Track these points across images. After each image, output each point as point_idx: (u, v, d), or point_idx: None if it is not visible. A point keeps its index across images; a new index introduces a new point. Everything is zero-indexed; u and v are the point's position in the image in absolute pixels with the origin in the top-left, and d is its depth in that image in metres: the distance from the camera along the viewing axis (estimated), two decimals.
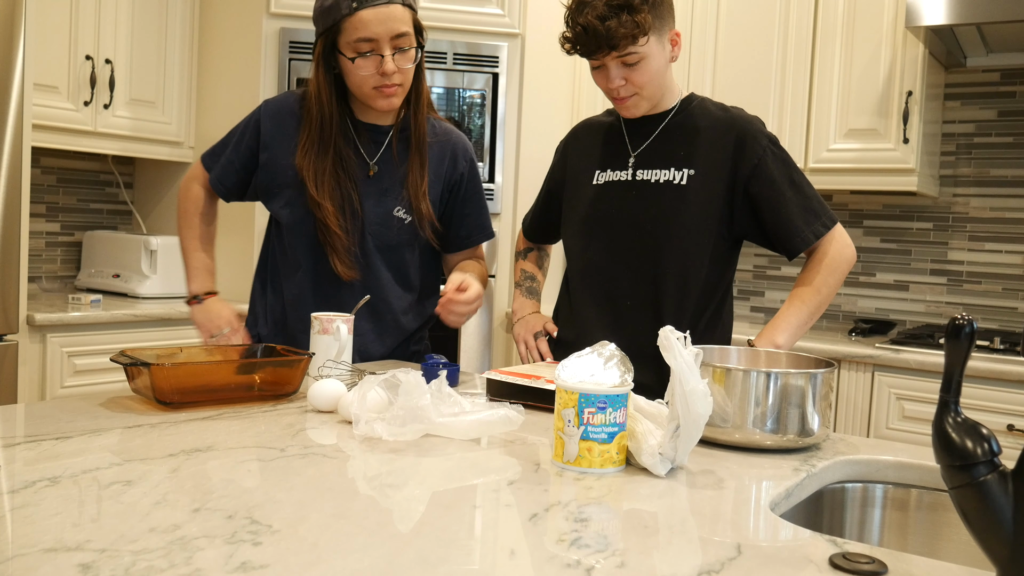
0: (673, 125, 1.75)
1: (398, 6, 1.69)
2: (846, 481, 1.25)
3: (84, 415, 1.28)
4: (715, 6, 3.13)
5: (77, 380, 2.71)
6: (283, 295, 1.90)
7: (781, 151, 1.71)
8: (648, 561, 0.81)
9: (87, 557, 0.75)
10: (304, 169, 1.79)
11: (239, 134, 1.90)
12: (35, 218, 3.25)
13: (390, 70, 1.70)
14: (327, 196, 1.78)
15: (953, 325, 0.76)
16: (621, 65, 1.64)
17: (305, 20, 3.12)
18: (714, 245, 1.71)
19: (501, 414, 1.24)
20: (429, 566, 0.77)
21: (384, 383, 1.29)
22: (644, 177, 1.74)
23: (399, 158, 1.85)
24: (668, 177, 1.71)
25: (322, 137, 1.78)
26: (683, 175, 1.70)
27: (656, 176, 1.72)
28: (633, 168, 1.75)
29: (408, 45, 1.72)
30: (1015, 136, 2.95)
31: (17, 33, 2.50)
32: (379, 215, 1.83)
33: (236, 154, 1.90)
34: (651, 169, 1.73)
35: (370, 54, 1.70)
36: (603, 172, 1.79)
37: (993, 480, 0.73)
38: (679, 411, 1.08)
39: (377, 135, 1.85)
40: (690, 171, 1.70)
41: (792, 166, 1.70)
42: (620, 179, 1.76)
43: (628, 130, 1.79)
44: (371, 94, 1.74)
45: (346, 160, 1.80)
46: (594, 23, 1.58)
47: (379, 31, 1.68)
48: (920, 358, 2.48)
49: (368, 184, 1.84)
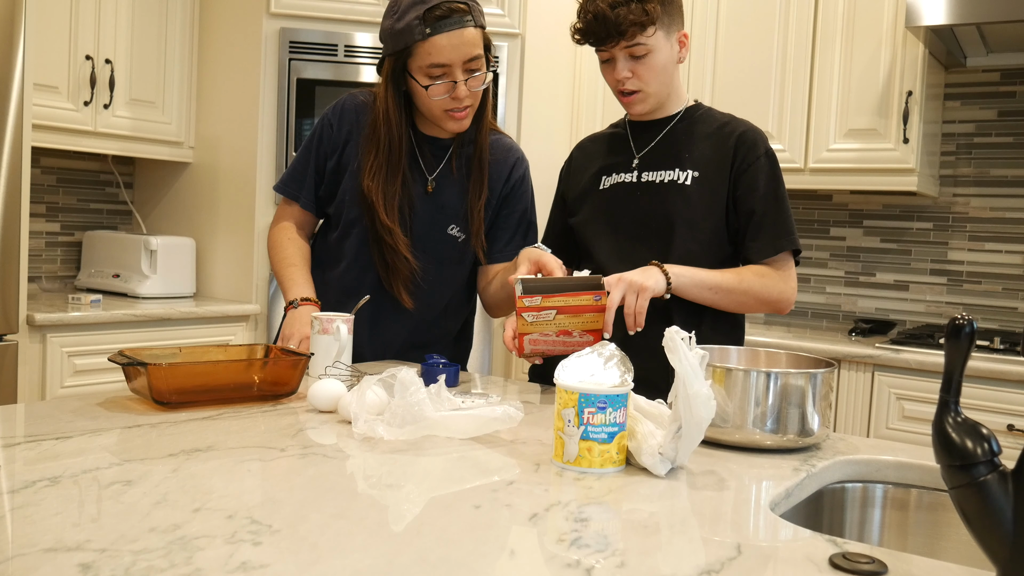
0: (678, 129, 1.76)
1: (471, 29, 1.68)
2: (846, 481, 1.25)
3: (84, 415, 1.28)
4: (715, 6, 3.13)
5: (77, 380, 2.71)
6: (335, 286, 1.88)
7: (775, 167, 1.72)
8: (648, 561, 0.81)
9: (87, 557, 0.75)
10: (373, 193, 1.77)
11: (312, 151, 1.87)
12: (35, 218, 3.26)
13: (463, 95, 1.70)
14: (396, 220, 1.78)
15: (953, 325, 0.76)
16: (628, 57, 1.66)
17: (305, 20, 3.12)
18: (719, 245, 1.72)
19: (501, 411, 1.24)
20: (429, 566, 0.77)
21: (383, 383, 1.29)
22: (649, 178, 1.74)
23: (458, 174, 1.84)
24: (672, 177, 1.72)
25: (390, 160, 1.77)
26: (687, 175, 1.71)
27: (660, 176, 1.73)
28: (638, 170, 1.76)
29: (480, 68, 1.71)
30: (1015, 136, 2.95)
31: (17, 33, 2.50)
32: (433, 233, 1.83)
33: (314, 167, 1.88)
34: (655, 171, 1.74)
35: (442, 79, 1.69)
36: (608, 177, 1.80)
37: (993, 480, 0.73)
38: (682, 413, 1.08)
39: (437, 149, 1.84)
40: (694, 172, 1.71)
41: (780, 183, 1.71)
42: (625, 180, 1.77)
43: (633, 134, 1.80)
44: (441, 116, 1.74)
45: (407, 178, 1.80)
46: (604, 9, 1.61)
47: (452, 57, 1.67)
48: (920, 358, 2.48)
49: (425, 200, 1.83)
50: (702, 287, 1.63)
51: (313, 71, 3.12)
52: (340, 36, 3.13)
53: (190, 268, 3.24)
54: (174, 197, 3.47)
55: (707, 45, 3.14)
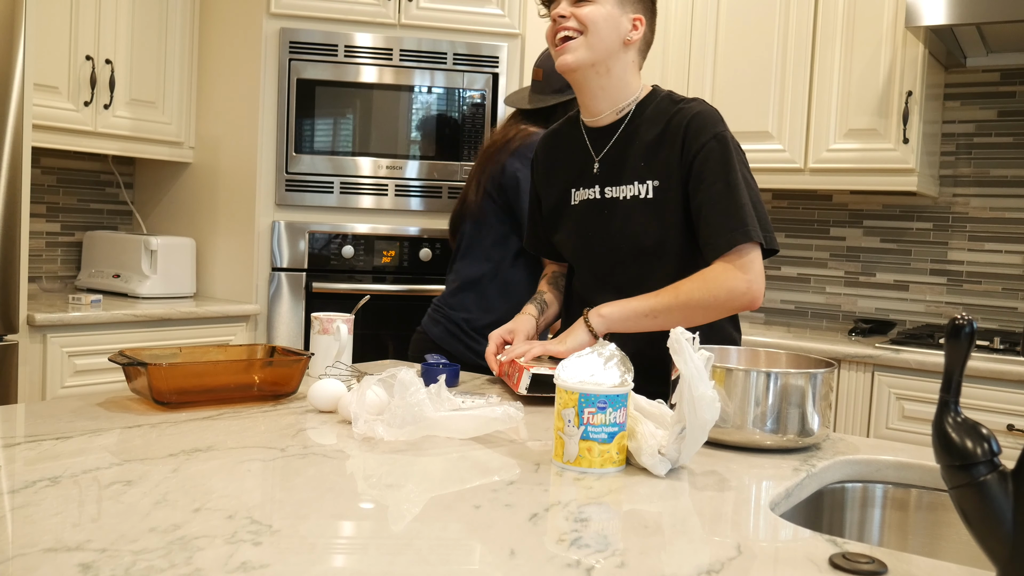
0: (631, 131, 1.66)
1: None
2: (846, 481, 1.25)
3: (84, 415, 1.28)
4: (715, 6, 3.13)
5: (77, 380, 2.71)
6: None
7: (727, 151, 1.55)
8: (648, 561, 0.81)
9: (87, 557, 0.75)
10: None
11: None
12: (35, 218, 3.26)
13: None
14: None
15: (953, 325, 0.76)
16: (572, 3, 1.60)
17: (305, 20, 3.12)
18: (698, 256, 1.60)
19: (501, 411, 1.24)
20: (429, 566, 0.77)
21: (383, 383, 1.29)
22: (612, 194, 1.66)
23: None
24: (634, 192, 1.63)
25: None
26: (647, 188, 1.61)
27: (623, 192, 1.65)
28: (599, 184, 1.69)
29: None
30: (1015, 136, 2.95)
31: (17, 33, 2.50)
32: None
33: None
34: (617, 185, 1.66)
35: None
36: (576, 190, 1.73)
37: (993, 480, 0.73)
38: (686, 415, 1.08)
39: None
40: (654, 182, 1.61)
41: (733, 168, 1.54)
42: (590, 197, 1.70)
43: (589, 136, 1.72)
44: None
45: None
46: None
47: None
48: (920, 358, 2.48)
49: None
50: (637, 316, 1.54)
51: (313, 71, 3.12)
52: (340, 36, 3.13)
53: (190, 268, 3.25)
54: (174, 197, 3.47)
55: (707, 45, 3.14)
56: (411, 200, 3.20)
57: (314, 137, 3.15)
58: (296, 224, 3.13)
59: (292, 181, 3.13)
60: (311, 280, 3.14)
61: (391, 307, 3.17)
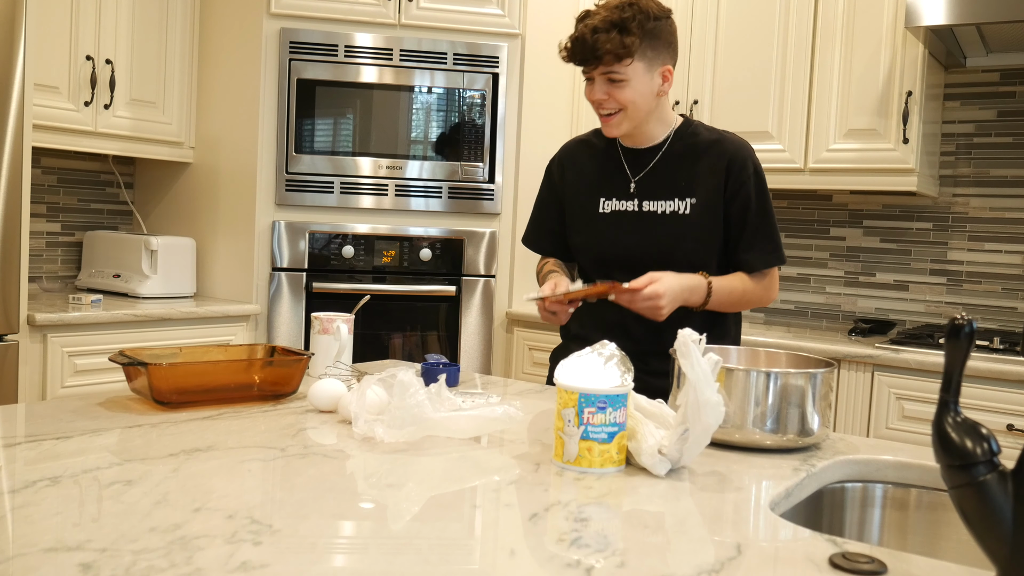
0: (671, 154, 1.79)
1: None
2: (846, 481, 1.25)
3: (84, 415, 1.28)
4: (715, 6, 3.13)
5: (77, 380, 2.71)
6: None
7: (763, 180, 1.79)
8: (648, 561, 0.81)
9: (87, 557, 0.75)
10: None
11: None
12: (35, 218, 3.25)
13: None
14: None
15: (953, 325, 0.76)
16: (606, 81, 1.69)
17: (305, 20, 3.12)
18: (721, 271, 1.76)
19: (501, 411, 1.24)
20: (429, 566, 0.77)
21: (383, 383, 1.29)
22: (650, 208, 1.78)
23: None
24: (673, 208, 1.76)
25: None
26: (686, 205, 1.76)
27: (662, 208, 1.77)
28: (638, 198, 1.79)
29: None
30: (1015, 136, 2.95)
31: (17, 33, 2.50)
32: None
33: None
34: (656, 200, 1.78)
35: None
36: (608, 200, 1.82)
37: (993, 480, 0.73)
38: (690, 418, 1.08)
39: None
40: (692, 200, 1.75)
41: (767, 196, 1.79)
42: (627, 209, 1.79)
43: (626, 157, 1.82)
44: None
45: None
46: (586, 34, 1.66)
47: None
48: (920, 358, 2.48)
49: None
50: (730, 294, 1.73)
51: (313, 71, 3.12)
52: (340, 36, 3.13)
53: (190, 268, 3.25)
54: (174, 197, 3.47)
55: (707, 45, 3.14)
56: (411, 200, 3.20)
57: (314, 137, 3.15)
58: (296, 224, 3.13)
59: (292, 181, 3.13)
60: (311, 280, 3.14)
61: (391, 307, 3.17)
